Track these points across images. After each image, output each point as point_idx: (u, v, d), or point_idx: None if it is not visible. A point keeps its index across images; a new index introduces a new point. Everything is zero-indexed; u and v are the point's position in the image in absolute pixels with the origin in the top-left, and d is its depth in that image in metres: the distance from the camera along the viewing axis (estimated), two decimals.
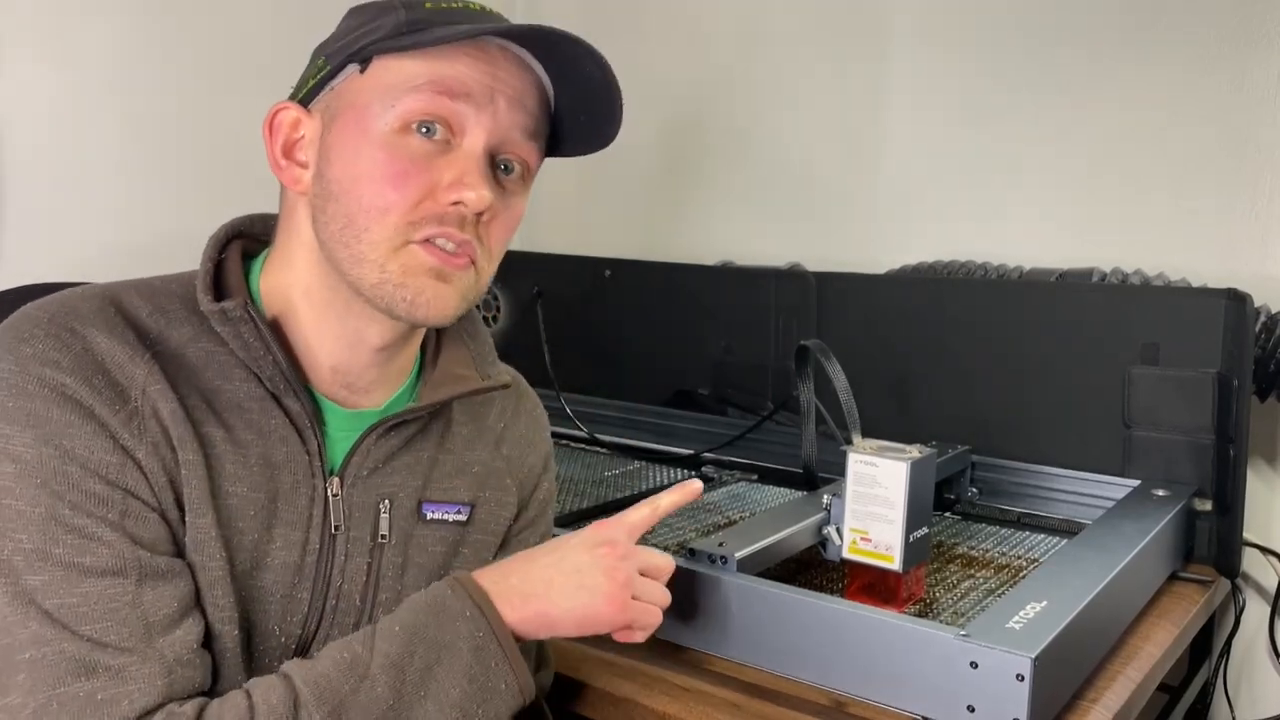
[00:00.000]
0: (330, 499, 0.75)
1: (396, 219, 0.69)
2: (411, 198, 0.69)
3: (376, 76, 0.70)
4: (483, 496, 0.83)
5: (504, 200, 0.73)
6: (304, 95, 0.74)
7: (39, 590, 0.63)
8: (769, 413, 1.48)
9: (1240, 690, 1.41)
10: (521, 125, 0.73)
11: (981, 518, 1.29)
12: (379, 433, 0.77)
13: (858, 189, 1.70)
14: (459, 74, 0.69)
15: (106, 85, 1.44)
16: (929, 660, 0.82)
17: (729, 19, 1.82)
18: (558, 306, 1.71)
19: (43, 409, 0.65)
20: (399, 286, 0.70)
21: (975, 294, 1.41)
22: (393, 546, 0.78)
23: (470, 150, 0.70)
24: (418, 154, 0.69)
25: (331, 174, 0.71)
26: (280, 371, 0.72)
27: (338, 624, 0.76)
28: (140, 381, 0.68)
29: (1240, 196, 1.38)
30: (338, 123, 0.71)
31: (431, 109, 0.69)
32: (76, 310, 0.69)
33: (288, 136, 0.74)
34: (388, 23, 0.70)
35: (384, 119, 0.69)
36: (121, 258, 1.45)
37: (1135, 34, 1.44)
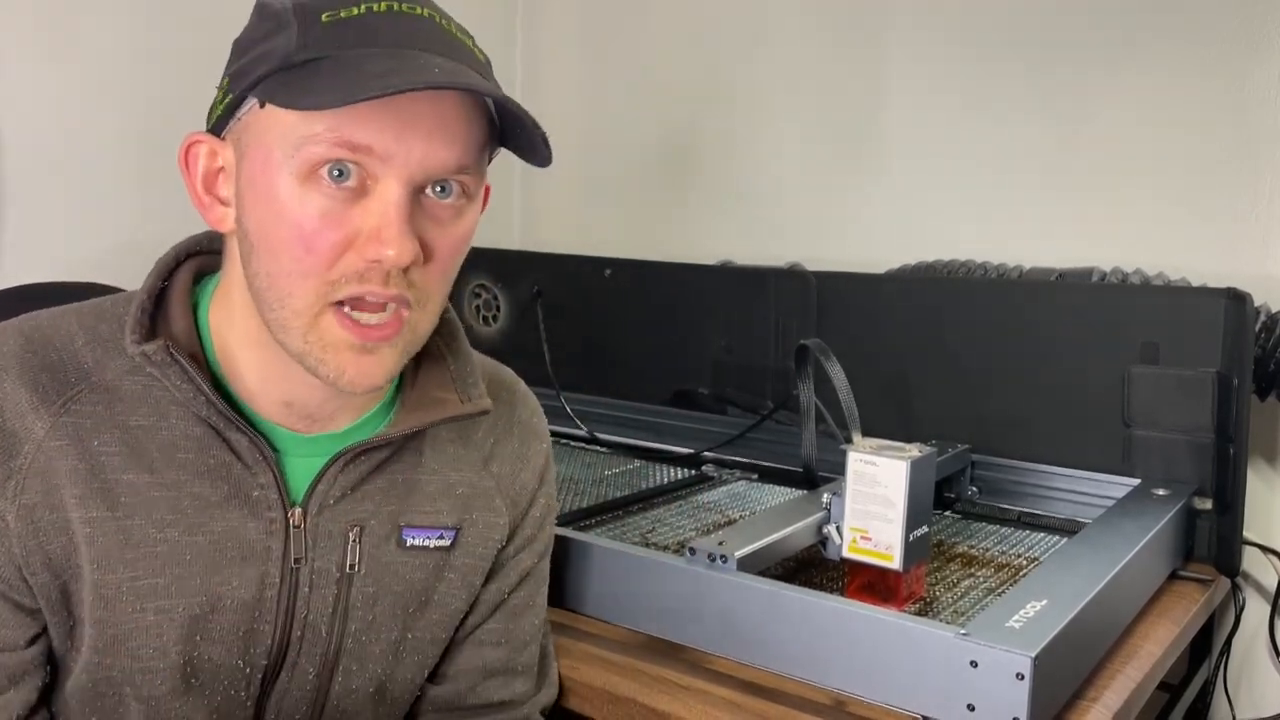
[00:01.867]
0: (291, 530, 0.71)
1: (315, 283, 0.64)
2: (328, 257, 0.63)
3: (274, 117, 0.64)
4: (469, 519, 0.79)
5: (438, 233, 0.66)
6: (215, 123, 0.69)
7: None
8: (769, 412, 1.48)
9: (1240, 689, 1.41)
10: (443, 162, 0.64)
11: (981, 517, 1.29)
12: (345, 460, 0.73)
13: (858, 189, 1.70)
14: (360, 124, 0.61)
15: (106, 85, 1.44)
16: (929, 659, 0.82)
17: (729, 19, 1.82)
18: (558, 306, 1.71)
19: None
20: (320, 361, 0.66)
21: (975, 294, 1.41)
22: (362, 576, 0.74)
23: (385, 197, 0.63)
24: (330, 205, 0.63)
25: (247, 225, 0.66)
26: (216, 410, 0.68)
27: (305, 653, 0.74)
28: (39, 435, 0.66)
29: (1240, 196, 1.38)
30: (246, 162, 0.66)
31: (334, 157, 0.62)
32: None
33: (207, 167, 0.69)
34: (279, 48, 0.63)
35: (288, 168, 0.63)
36: (122, 258, 1.45)
37: (1136, 34, 1.44)
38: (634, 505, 1.30)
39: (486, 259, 1.77)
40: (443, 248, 0.67)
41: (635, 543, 1.13)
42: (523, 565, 0.85)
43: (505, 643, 0.84)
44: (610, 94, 1.96)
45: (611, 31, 1.98)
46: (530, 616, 0.86)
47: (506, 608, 0.84)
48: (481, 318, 1.80)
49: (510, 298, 1.77)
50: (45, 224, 1.39)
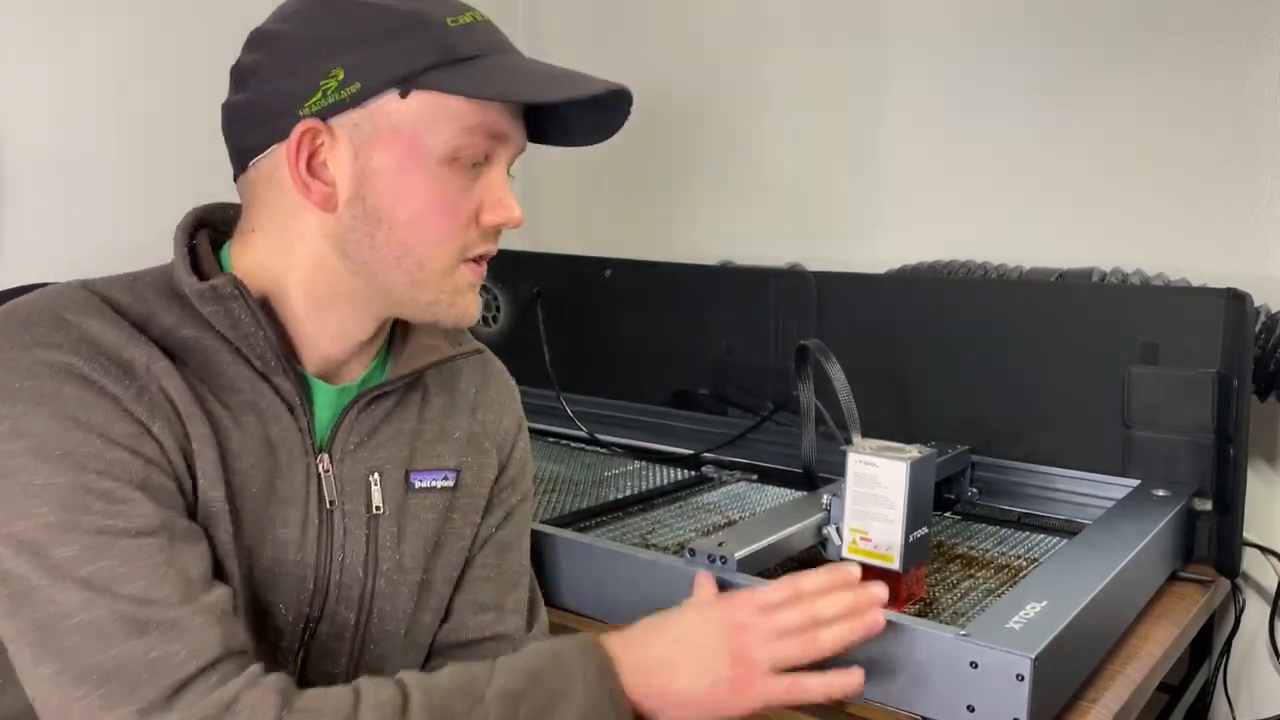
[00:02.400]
0: (322, 475, 0.76)
1: (454, 245, 0.74)
2: (464, 225, 0.74)
3: (423, 107, 0.71)
4: (467, 461, 0.85)
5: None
6: (323, 109, 0.71)
7: (71, 561, 0.62)
8: (769, 413, 1.48)
9: (1240, 690, 1.41)
10: (523, 144, 0.78)
11: (981, 518, 1.29)
12: (360, 406, 0.78)
13: (858, 189, 1.70)
14: (500, 116, 0.74)
15: (106, 85, 1.44)
16: (929, 660, 0.82)
17: (729, 19, 1.82)
18: (558, 306, 1.71)
19: (52, 387, 0.64)
20: (450, 305, 0.76)
21: (975, 294, 1.41)
22: (387, 517, 0.79)
23: (500, 172, 0.76)
24: (465, 184, 0.74)
25: (382, 203, 0.72)
26: (271, 349, 0.73)
27: (343, 599, 0.77)
28: (143, 360, 0.68)
29: (1240, 196, 1.38)
30: (379, 148, 0.71)
31: (482, 148, 0.74)
32: (64, 302, 0.69)
33: (311, 151, 0.72)
34: (425, 47, 0.70)
35: (435, 150, 0.72)
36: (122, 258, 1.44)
37: (1135, 34, 1.44)
38: (634, 506, 1.30)
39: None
40: None
41: (635, 544, 1.13)
42: (509, 503, 0.90)
43: (494, 579, 0.88)
44: None
45: (611, 31, 1.98)
46: (516, 555, 0.90)
47: (495, 542, 0.88)
48: (481, 318, 1.80)
49: (510, 298, 1.77)
50: (45, 224, 1.39)
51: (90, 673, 0.60)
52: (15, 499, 0.62)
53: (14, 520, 0.62)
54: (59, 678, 0.61)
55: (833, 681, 0.76)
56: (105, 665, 0.60)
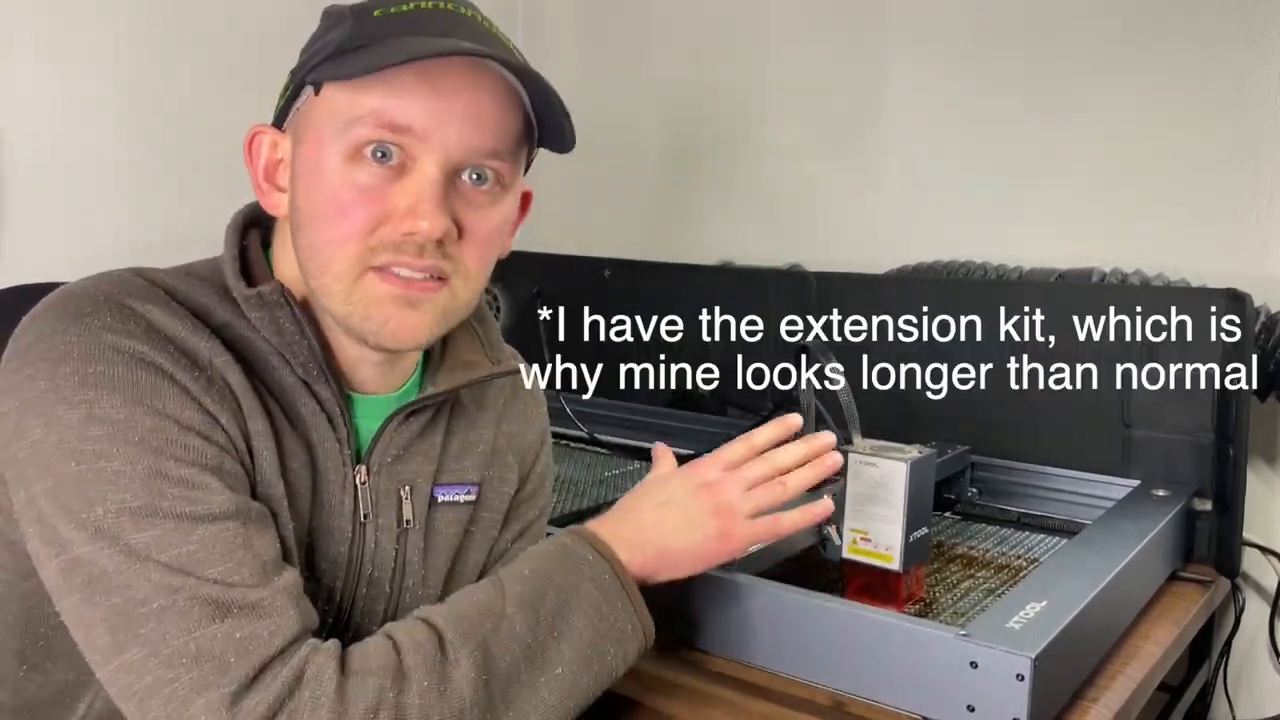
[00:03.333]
0: (359, 487, 0.75)
1: (353, 248, 0.68)
2: (365, 227, 0.68)
3: (327, 102, 0.69)
4: (489, 475, 0.85)
5: (474, 216, 0.71)
6: (276, 116, 0.74)
7: (152, 545, 0.62)
8: (769, 412, 1.48)
9: (1240, 690, 1.41)
10: (478, 146, 0.69)
11: (981, 518, 1.29)
12: (399, 419, 0.77)
13: (858, 189, 1.69)
14: (402, 104, 0.67)
15: (106, 85, 1.44)
16: (929, 660, 0.82)
17: (729, 19, 1.82)
18: (558, 306, 1.71)
19: (126, 373, 0.64)
20: (364, 318, 0.70)
21: (975, 294, 1.41)
22: (416, 531, 0.79)
23: (423, 175, 0.68)
24: (372, 182, 0.68)
25: (298, 202, 0.71)
26: (314, 357, 0.72)
27: (366, 611, 0.77)
28: (206, 353, 0.68)
29: (1240, 196, 1.38)
30: (300, 148, 0.71)
31: (377, 138, 0.67)
32: (127, 290, 0.68)
33: (268, 159, 0.74)
34: (333, 39, 0.68)
35: (335, 147, 0.68)
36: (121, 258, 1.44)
37: (1135, 34, 1.44)
38: None
39: None
40: (477, 229, 0.71)
41: None
42: (525, 518, 0.89)
43: None
44: (610, 94, 1.95)
45: (611, 32, 1.98)
46: None
47: (509, 558, 0.87)
48: None
49: (510, 298, 1.77)
50: (45, 224, 1.39)
51: (179, 655, 0.60)
52: (90, 484, 0.62)
53: (90, 506, 0.62)
54: (147, 662, 0.60)
55: (805, 511, 0.84)
56: (192, 648, 0.60)
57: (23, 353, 0.65)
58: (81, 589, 0.62)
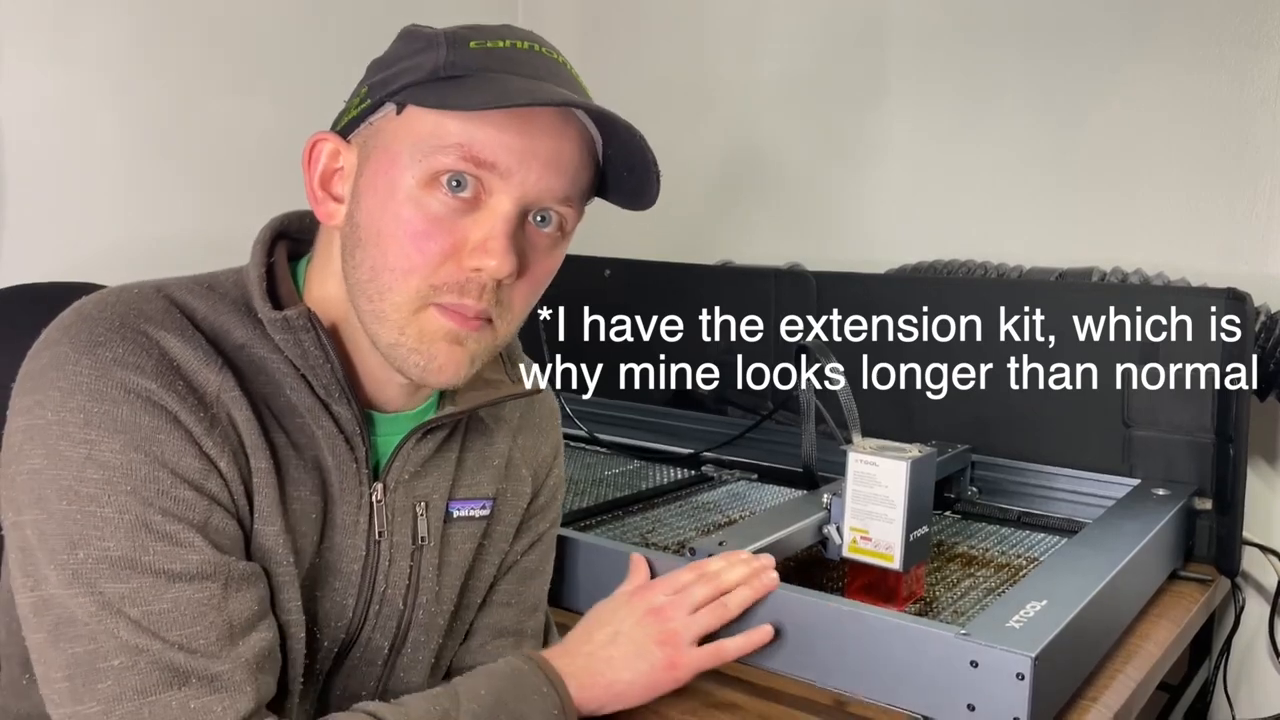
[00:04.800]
0: (374, 505, 0.75)
1: (418, 282, 0.67)
2: (434, 260, 0.67)
3: (409, 124, 0.68)
4: (503, 489, 0.85)
5: (534, 256, 0.71)
6: (344, 126, 0.72)
7: (125, 598, 0.62)
8: (769, 412, 1.48)
9: (1240, 689, 1.41)
10: (554, 190, 0.69)
11: (981, 517, 1.29)
12: (417, 437, 0.77)
13: (858, 189, 1.70)
14: (489, 140, 0.66)
15: (106, 85, 1.44)
16: (929, 659, 0.82)
17: (728, 19, 1.82)
18: (558, 306, 1.71)
19: (129, 415, 0.63)
20: (413, 351, 0.69)
21: (975, 294, 1.41)
22: (430, 548, 0.79)
23: (497, 211, 0.67)
24: (444, 212, 0.67)
25: (360, 219, 0.69)
26: (336, 380, 0.71)
27: (379, 628, 0.77)
28: (214, 388, 0.67)
29: (1240, 196, 1.38)
30: (370, 164, 0.69)
31: (458, 169, 0.67)
32: (144, 312, 0.67)
33: (326, 166, 0.72)
34: (427, 63, 0.68)
35: (412, 171, 0.67)
36: (122, 258, 1.45)
37: (1135, 34, 1.44)
38: (634, 506, 1.30)
39: None
40: (535, 270, 0.72)
41: (635, 543, 1.13)
42: (537, 530, 0.89)
43: (515, 604, 0.87)
44: (609, 94, 1.95)
45: (611, 31, 1.98)
46: (540, 582, 0.91)
47: (519, 569, 0.88)
48: None
49: None
50: (45, 224, 1.39)
51: (131, 719, 0.61)
52: (78, 526, 0.62)
53: (73, 549, 0.62)
54: (94, 716, 0.61)
55: (749, 638, 0.86)
56: (145, 713, 0.61)
57: (36, 375, 0.65)
58: (49, 629, 0.62)
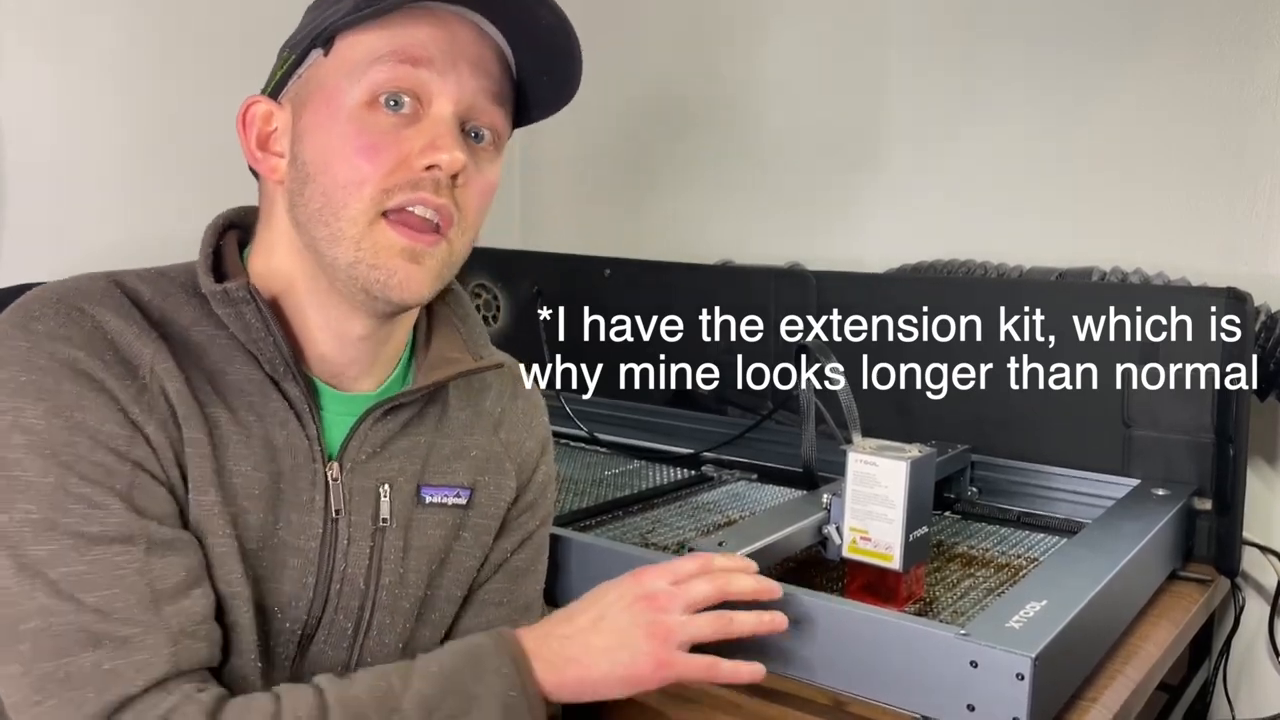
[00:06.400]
0: (330, 483, 0.75)
1: (371, 189, 0.70)
2: (384, 167, 0.70)
3: (340, 55, 0.72)
4: (482, 480, 0.84)
5: (477, 167, 0.74)
6: (272, 88, 0.76)
7: (45, 560, 0.63)
8: (769, 412, 1.48)
9: (1240, 690, 1.41)
10: (486, 89, 0.73)
11: (981, 517, 1.29)
12: (375, 417, 0.77)
13: (858, 188, 1.69)
14: (420, 40, 0.70)
15: (107, 85, 1.44)
16: (929, 659, 0.82)
17: (729, 18, 1.82)
18: (558, 306, 1.71)
19: (54, 383, 0.65)
20: (372, 267, 0.71)
21: (975, 294, 1.41)
22: (394, 530, 0.78)
23: (439, 115, 0.71)
24: (387, 126, 0.70)
25: (305, 155, 0.72)
26: (280, 354, 0.73)
27: (342, 608, 0.76)
28: (148, 359, 0.69)
29: (1240, 196, 1.38)
30: (308, 107, 0.72)
31: (396, 77, 0.70)
32: (83, 291, 0.70)
33: (261, 129, 0.75)
34: (345, 4, 0.71)
35: (351, 94, 0.70)
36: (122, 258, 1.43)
37: (1135, 34, 1.44)
38: (634, 506, 1.30)
39: (486, 259, 1.76)
40: (477, 179, 0.74)
41: (635, 543, 1.13)
42: (526, 528, 0.88)
43: (507, 603, 0.87)
44: (610, 94, 1.95)
45: (610, 30, 1.98)
46: (532, 581, 0.90)
47: (509, 568, 0.87)
48: (482, 317, 1.80)
49: (510, 298, 1.77)
50: (45, 224, 1.39)
51: (48, 680, 0.61)
52: (3, 492, 0.64)
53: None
54: (19, 680, 0.62)
55: (740, 668, 0.79)
56: (60, 674, 0.62)
57: None
58: None
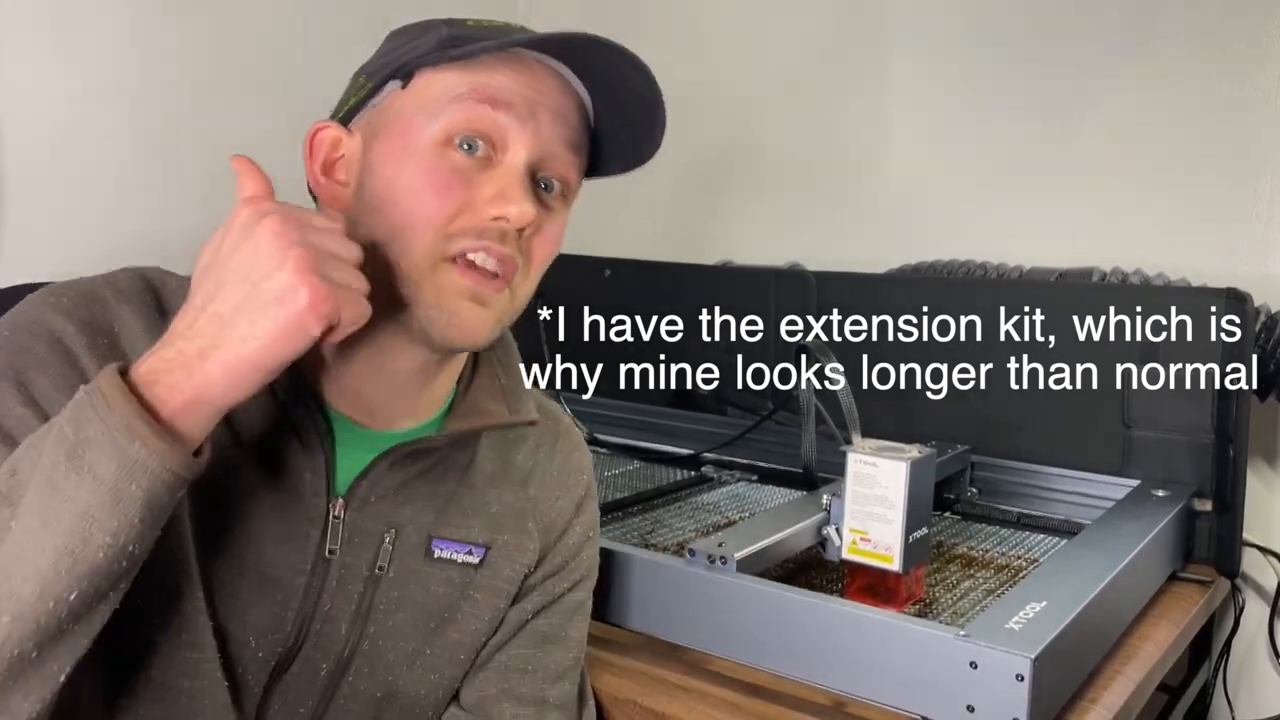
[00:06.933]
0: (330, 520, 0.72)
1: (436, 231, 0.67)
2: (450, 209, 0.67)
3: (419, 91, 0.69)
4: (499, 539, 0.79)
5: (544, 216, 0.72)
6: (344, 114, 0.73)
7: None
8: (769, 413, 1.48)
9: (1240, 690, 1.41)
10: (564, 139, 0.71)
11: (981, 518, 1.29)
12: (393, 459, 0.73)
13: (858, 189, 1.69)
14: (500, 84, 0.68)
15: (107, 85, 1.44)
16: (929, 660, 0.82)
17: (728, 19, 1.82)
18: (558, 306, 1.71)
19: (29, 342, 0.65)
20: (433, 308, 0.68)
21: (975, 294, 1.41)
22: (390, 580, 0.74)
23: (512, 165, 0.69)
24: (459, 168, 0.68)
25: (373, 188, 0.69)
26: (296, 383, 0.70)
27: (320, 649, 0.73)
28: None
29: (1240, 196, 1.38)
30: (380, 138, 0.70)
31: (474, 118, 0.68)
32: (116, 284, 0.69)
33: (327, 155, 0.72)
34: (430, 39, 0.70)
35: (427, 131, 0.68)
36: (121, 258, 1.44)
37: (1135, 34, 1.44)
38: (633, 506, 1.30)
39: None
40: (545, 230, 0.73)
41: (635, 544, 1.13)
42: (552, 591, 0.82)
43: (533, 671, 0.81)
44: None
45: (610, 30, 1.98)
46: (562, 648, 0.83)
47: (531, 631, 0.82)
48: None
49: None
50: (45, 224, 1.39)
51: None
52: None
53: None
54: None
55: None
56: None
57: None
58: None
